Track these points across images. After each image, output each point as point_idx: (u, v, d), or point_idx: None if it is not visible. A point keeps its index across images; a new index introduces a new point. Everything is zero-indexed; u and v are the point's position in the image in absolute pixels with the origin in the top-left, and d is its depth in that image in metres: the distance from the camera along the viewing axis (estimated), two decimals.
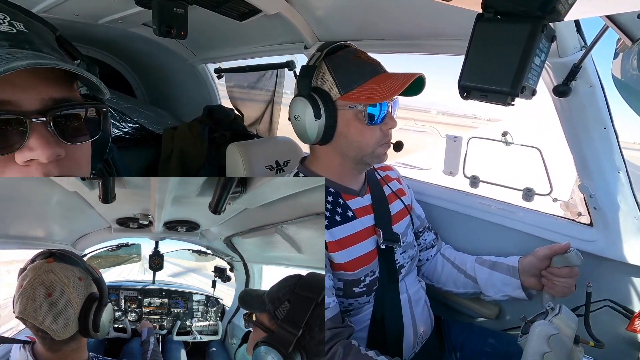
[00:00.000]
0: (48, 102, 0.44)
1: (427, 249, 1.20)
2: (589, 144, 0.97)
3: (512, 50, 0.53)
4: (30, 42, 0.44)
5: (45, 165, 0.43)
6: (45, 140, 0.42)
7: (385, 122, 0.92)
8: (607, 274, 1.07)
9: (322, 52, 0.92)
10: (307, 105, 0.90)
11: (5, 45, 0.41)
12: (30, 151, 0.42)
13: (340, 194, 0.98)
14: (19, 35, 0.43)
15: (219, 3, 1.23)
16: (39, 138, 0.42)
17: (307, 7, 1.25)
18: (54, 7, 1.32)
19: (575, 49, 0.88)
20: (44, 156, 0.42)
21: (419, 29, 1.13)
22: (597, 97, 0.92)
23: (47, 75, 0.44)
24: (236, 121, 2.15)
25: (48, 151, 0.42)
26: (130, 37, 1.90)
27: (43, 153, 0.42)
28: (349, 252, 0.93)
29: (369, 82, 0.89)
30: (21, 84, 0.42)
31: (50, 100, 0.44)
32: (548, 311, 0.79)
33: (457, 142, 1.55)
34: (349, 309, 0.96)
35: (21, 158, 0.42)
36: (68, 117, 0.45)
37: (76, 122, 0.47)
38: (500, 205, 1.25)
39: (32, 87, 0.42)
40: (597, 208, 1.04)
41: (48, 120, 0.43)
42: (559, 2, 0.48)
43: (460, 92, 0.59)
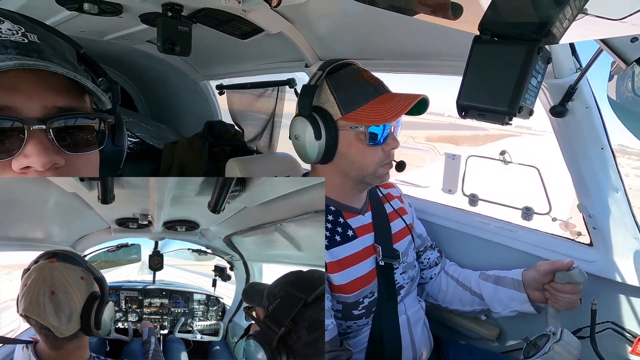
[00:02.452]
0: (50, 110, 0.43)
1: (431, 267, 1.18)
2: (587, 164, 0.98)
3: (509, 71, 0.54)
4: (39, 51, 0.44)
5: (42, 173, 0.42)
6: (42, 147, 0.42)
7: (388, 143, 0.91)
8: (609, 295, 1.05)
9: (323, 70, 0.90)
10: (308, 125, 0.88)
11: (12, 52, 0.41)
12: (26, 158, 0.41)
13: (341, 213, 0.97)
14: (29, 45, 0.43)
15: (222, 22, 1.26)
16: (36, 145, 0.41)
17: (309, 27, 1.28)
18: (60, 24, 1.35)
19: (570, 70, 0.90)
20: (39, 163, 0.41)
21: (419, 48, 1.16)
22: (593, 117, 0.93)
23: (53, 83, 0.44)
24: (236, 137, 2.17)
25: (44, 159, 0.41)
26: (135, 53, 1.93)
27: (39, 160, 0.41)
28: (349, 272, 0.91)
29: (371, 102, 0.88)
30: (24, 90, 0.42)
31: (53, 108, 0.44)
32: (550, 335, 0.77)
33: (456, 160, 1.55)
34: (347, 331, 0.94)
35: (17, 165, 0.41)
36: (70, 126, 0.45)
37: (79, 131, 0.46)
38: (500, 224, 1.24)
39: (35, 94, 0.42)
40: (596, 228, 1.03)
41: (48, 128, 0.42)
42: (554, 26, 0.49)
43: (459, 111, 0.60)
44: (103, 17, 1.25)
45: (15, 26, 0.43)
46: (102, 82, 0.56)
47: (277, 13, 1.20)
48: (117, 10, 1.21)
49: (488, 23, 0.54)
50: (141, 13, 1.25)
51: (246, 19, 1.19)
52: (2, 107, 0.40)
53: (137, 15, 1.27)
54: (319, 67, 0.93)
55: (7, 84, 0.40)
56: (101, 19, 1.26)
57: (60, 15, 1.28)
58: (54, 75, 0.43)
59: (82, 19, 1.28)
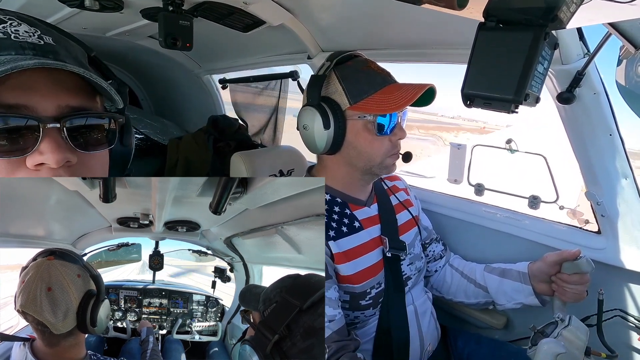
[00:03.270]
0: (64, 109, 0.45)
1: (436, 260, 1.19)
2: (595, 151, 0.97)
3: (515, 58, 0.53)
4: (55, 53, 0.45)
5: (55, 170, 0.44)
6: (56, 145, 0.43)
7: (395, 133, 0.91)
8: (617, 282, 1.05)
9: (331, 61, 0.91)
10: (316, 114, 0.89)
11: (30, 54, 0.43)
12: (41, 155, 0.43)
13: (348, 205, 0.97)
14: (45, 47, 0.45)
15: (223, 15, 1.25)
16: (50, 143, 0.43)
17: (311, 18, 1.27)
18: (62, 21, 1.35)
19: (578, 56, 0.88)
20: (53, 160, 0.43)
21: (422, 38, 1.14)
22: (601, 103, 0.91)
23: (67, 84, 0.45)
24: (240, 131, 2.17)
25: (58, 156, 0.43)
26: (137, 49, 1.93)
27: (52, 157, 0.43)
28: (356, 263, 0.92)
29: (379, 92, 0.88)
30: (40, 89, 0.43)
31: (67, 108, 0.45)
32: (557, 322, 0.77)
33: (461, 150, 1.54)
34: (354, 321, 0.95)
35: (31, 162, 0.43)
36: (83, 125, 0.46)
37: (91, 131, 0.48)
38: (507, 213, 1.24)
39: (50, 93, 0.44)
40: (604, 215, 1.02)
41: (62, 127, 0.44)
42: (561, 10, 0.48)
43: (464, 100, 0.59)
44: (104, 13, 1.25)
45: (31, 29, 0.45)
46: (112, 83, 0.56)
47: (278, 5, 1.19)
48: (118, 6, 1.20)
49: (493, 9, 0.53)
50: (142, 8, 1.24)
51: (247, 12, 1.18)
52: (18, 106, 0.42)
53: (138, 11, 1.27)
54: (327, 57, 0.93)
55: (23, 83, 0.42)
56: (102, 15, 1.26)
57: (62, 13, 1.28)
58: (67, 76, 0.44)
59: (84, 15, 1.28)
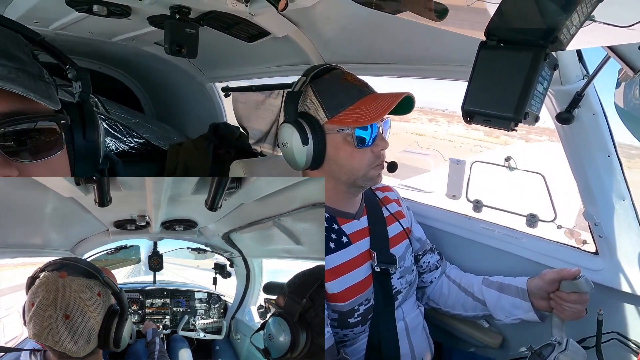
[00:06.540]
0: None
1: (431, 271, 1.17)
2: (593, 171, 0.97)
3: (515, 76, 0.54)
4: None
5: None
6: None
7: (377, 144, 0.90)
8: (614, 305, 1.04)
9: (307, 76, 0.90)
10: (294, 131, 0.87)
11: None
12: None
13: (335, 219, 0.96)
14: None
15: (229, 25, 1.27)
16: None
17: (315, 30, 1.28)
18: (69, 25, 1.37)
19: (577, 77, 0.89)
20: None
21: (424, 53, 1.16)
22: (600, 124, 0.92)
23: None
24: (241, 139, 2.18)
25: None
26: (142, 54, 1.95)
27: None
28: (344, 280, 0.90)
29: (356, 104, 0.88)
30: None
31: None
32: (555, 345, 0.76)
33: (460, 166, 1.55)
34: (343, 339, 0.93)
35: None
36: (20, 133, 0.39)
37: (32, 137, 0.40)
38: (504, 231, 1.23)
39: None
40: (602, 236, 1.02)
41: None
42: (561, 32, 0.49)
43: (464, 116, 0.59)
44: (112, 19, 1.27)
45: None
46: (69, 70, 0.50)
47: (283, 16, 1.21)
48: (125, 12, 1.22)
49: (494, 29, 0.54)
50: (149, 15, 1.26)
51: (253, 22, 1.20)
52: None
53: (145, 18, 1.29)
54: (303, 72, 0.92)
55: None
56: (110, 20, 1.28)
57: (70, 17, 1.30)
58: None
59: (91, 20, 1.30)
